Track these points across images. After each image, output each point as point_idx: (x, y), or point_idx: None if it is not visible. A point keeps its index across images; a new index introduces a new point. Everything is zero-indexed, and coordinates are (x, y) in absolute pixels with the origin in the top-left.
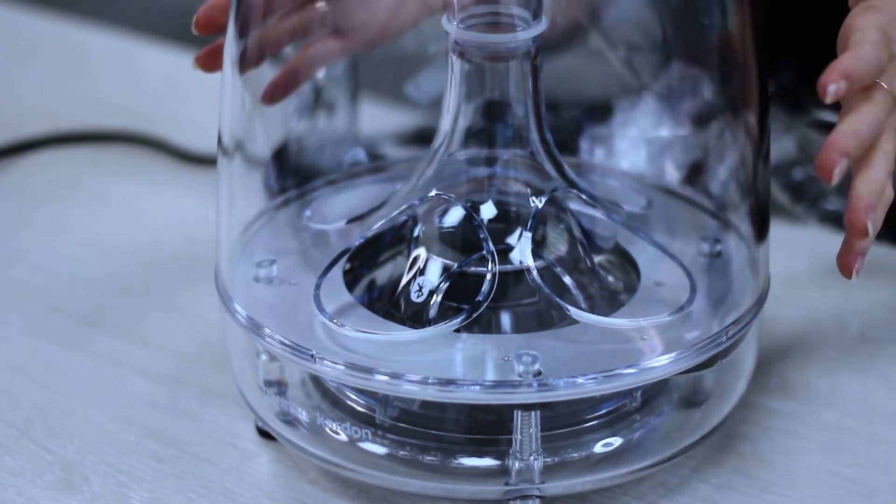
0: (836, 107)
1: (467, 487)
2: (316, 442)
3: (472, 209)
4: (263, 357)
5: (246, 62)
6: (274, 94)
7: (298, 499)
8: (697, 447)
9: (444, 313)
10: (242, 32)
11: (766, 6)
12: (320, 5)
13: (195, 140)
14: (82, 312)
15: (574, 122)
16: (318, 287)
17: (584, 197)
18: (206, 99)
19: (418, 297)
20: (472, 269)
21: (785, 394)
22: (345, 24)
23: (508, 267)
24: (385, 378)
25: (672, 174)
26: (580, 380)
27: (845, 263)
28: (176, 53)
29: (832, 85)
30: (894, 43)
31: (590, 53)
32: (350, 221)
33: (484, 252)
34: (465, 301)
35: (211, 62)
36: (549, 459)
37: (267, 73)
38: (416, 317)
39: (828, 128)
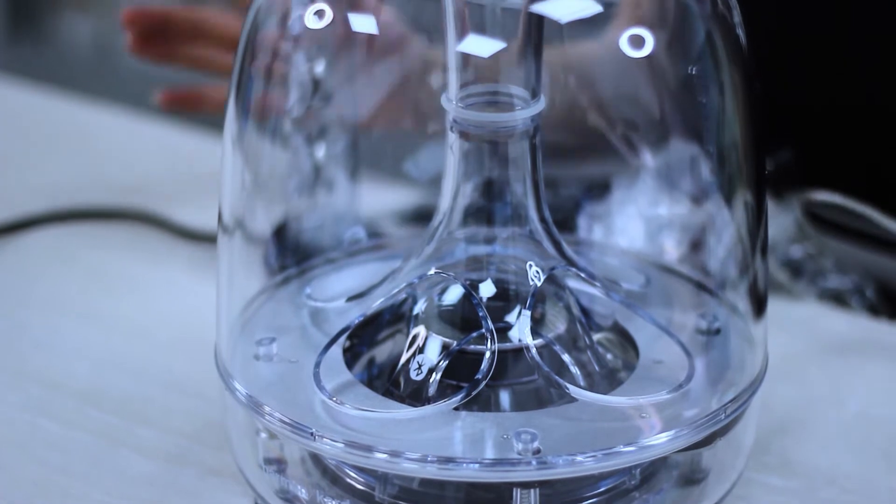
0: (832, 186)
1: None
2: None
3: (472, 287)
4: (263, 435)
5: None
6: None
7: None
8: None
9: (444, 391)
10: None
11: (763, 85)
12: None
13: (195, 217)
14: (81, 389)
15: (572, 199)
16: (317, 365)
17: (582, 275)
18: (205, 176)
19: (418, 375)
20: (472, 347)
21: (784, 471)
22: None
23: (507, 345)
24: (384, 456)
25: (670, 252)
26: (579, 458)
27: None
28: (175, 131)
29: None
30: None
31: (588, 131)
32: (350, 299)
33: (483, 330)
34: (465, 379)
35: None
36: None
37: (267, 150)
38: (415, 395)
39: (824, 206)
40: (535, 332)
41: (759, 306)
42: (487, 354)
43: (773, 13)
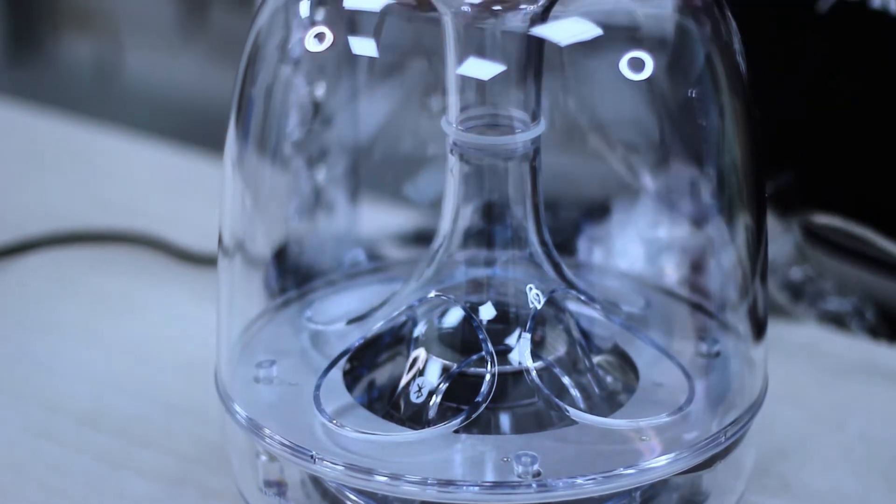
0: (833, 209)
1: None
2: None
3: (472, 310)
4: (263, 457)
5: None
6: None
7: None
8: None
9: (444, 414)
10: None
11: (763, 108)
12: None
13: (195, 240)
14: (82, 412)
15: (572, 222)
16: (317, 387)
17: (582, 297)
18: (206, 198)
19: (418, 397)
20: (472, 369)
21: (784, 493)
22: None
23: (507, 368)
24: (384, 479)
25: (670, 274)
26: (579, 480)
27: None
28: (176, 153)
29: None
30: None
31: (588, 154)
32: (350, 322)
33: (483, 353)
34: (465, 402)
35: None
36: None
37: (267, 172)
38: (415, 417)
39: (824, 230)
40: (535, 355)
41: (759, 329)
42: (487, 377)
43: (773, 37)
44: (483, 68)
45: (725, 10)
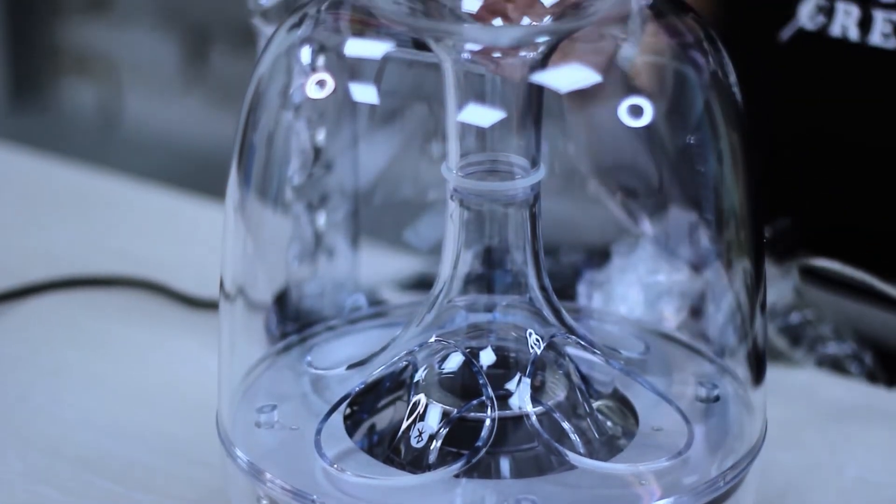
0: (833, 254)
1: None
2: None
3: (472, 355)
4: (264, 502)
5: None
6: None
7: None
8: None
9: (444, 459)
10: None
11: (762, 155)
12: None
13: (197, 284)
14: (83, 457)
15: (572, 267)
16: (318, 432)
17: (582, 342)
18: (207, 243)
19: (418, 442)
20: (472, 414)
21: None
22: None
23: (508, 413)
24: None
25: (670, 319)
26: None
27: None
28: (178, 197)
29: None
30: None
31: (588, 199)
32: (350, 367)
33: (483, 398)
34: (465, 446)
35: None
36: None
37: (269, 217)
38: (416, 462)
39: (822, 274)
40: (535, 400)
41: (758, 373)
42: (488, 422)
43: (772, 84)
44: (483, 115)
45: (718, 44)
